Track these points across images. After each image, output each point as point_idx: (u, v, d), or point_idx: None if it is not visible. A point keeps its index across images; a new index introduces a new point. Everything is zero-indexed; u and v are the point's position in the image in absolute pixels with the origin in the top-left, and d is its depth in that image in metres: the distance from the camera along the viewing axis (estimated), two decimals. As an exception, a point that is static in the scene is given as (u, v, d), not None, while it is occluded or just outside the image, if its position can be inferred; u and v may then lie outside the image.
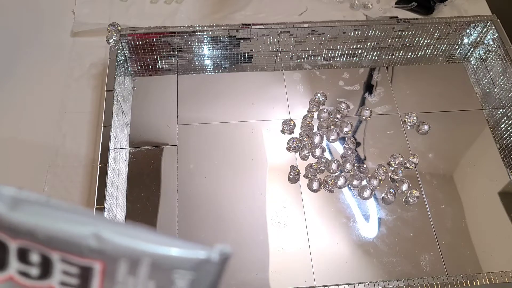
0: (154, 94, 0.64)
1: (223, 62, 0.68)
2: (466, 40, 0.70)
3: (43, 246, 0.17)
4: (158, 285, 0.18)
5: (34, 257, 0.18)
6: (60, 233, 0.17)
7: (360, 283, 0.48)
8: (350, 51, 0.69)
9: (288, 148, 0.60)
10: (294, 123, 0.61)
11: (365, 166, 0.59)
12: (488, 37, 0.68)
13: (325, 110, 0.63)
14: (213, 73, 0.67)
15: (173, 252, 0.17)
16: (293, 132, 0.61)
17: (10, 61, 0.67)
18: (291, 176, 0.58)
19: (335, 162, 0.58)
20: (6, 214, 0.17)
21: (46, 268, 0.18)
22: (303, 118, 0.63)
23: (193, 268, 0.18)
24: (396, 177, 0.58)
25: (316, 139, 0.60)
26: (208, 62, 0.68)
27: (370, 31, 0.67)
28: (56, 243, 0.17)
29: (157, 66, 0.67)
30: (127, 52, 0.65)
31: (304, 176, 0.58)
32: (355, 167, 0.59)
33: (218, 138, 0.61)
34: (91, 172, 0.57)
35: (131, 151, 0.59)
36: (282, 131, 0.61)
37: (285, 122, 0.61)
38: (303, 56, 0.69)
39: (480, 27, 0.68)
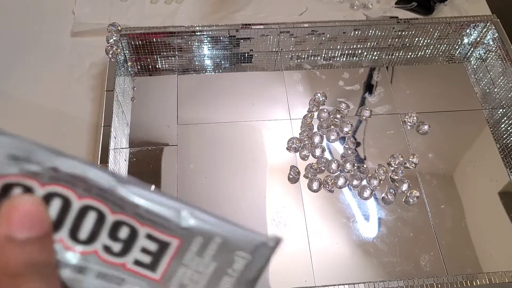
0: (154, 94, 0.64)
1: (223, 62, 0.68)
2: (466, 40, 0.70)
3: (137, 220, 0.19)
4: (218, 267, 0.20)
5: (123, 232, 0.19)
6: (158, 208, 0.19)
7: (360, 283, 0.48)
8: (350, 51, 0.69)
9: (288, 148, 0.60)
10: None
11: (365, 166, 0.59)
12: (488, 37, 0.68)
13: (325, 110, 0.63)
14: (213, 73, 0.67)
15: (240, 232, 0.20)
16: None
17: (10, 61, 0.67)
18: (291, 176, 0.58)
19: (335, 162, 0.58)
20: (116, 187, 0.19)
21: (128, 245, 0.19)
22: (303, 118, 0.63)
23: (252, 251, 0.20)
24: (396, 177, 0.58)
25: (316, 139, 0.60)
26: (208, 62, 0.68)
27: (370, 31, 0.67)
28: (150, 218, 0.19)
29: (157, 66, 0.67)
30: (127, 52, 0.64)
31: (304, 176, 0.58)
32: (355, 167, 0.59)
33: (218, 138, 0.61)
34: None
35: (131, 151, 0.59)
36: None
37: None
38: (303, 56, 0.69)
39: (480, 27, 0.68)
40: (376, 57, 0.70)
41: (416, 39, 0.69)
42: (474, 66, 0.70)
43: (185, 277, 0.20)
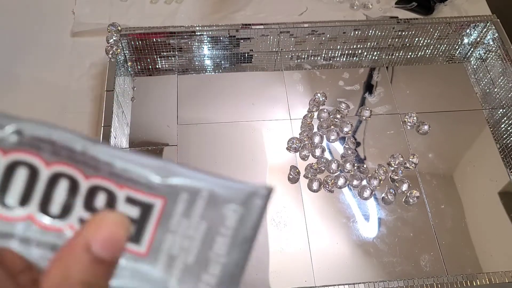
0: (154, 94, 0.64)
1: (223, 62, 0.68)
2: (466, 40, 0.70)
3: (114, 181, 0.17)
4: (209, 226, 0.17)
5: (100, 200, 0.17)
6: (134, 164, 0.17)
7: (360, 283, 0.48)
8: (350, 51, 0.69)
9: (288, 148, 0.60)
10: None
11: (365, 166, 0.59)
12: (488, 37, 0.68)
13: (325, 110, 0.63)
14: (213, 73, 0.67)
15: (228, 184, 0.18)
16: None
17: (10, 61, 0.67)
18: (291, 176, 0.58)
19: (335, 162, 0.58)
20: (87, 147, 0.17)
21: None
22: (303, 118, 0.63)
23: (243, 202, 0.18)
24: (396, 177, 0.58)
25: (316, 139, 0.60)
26: (208, 62, 0.68)
27: (370, 31, 0.67)
28: (129, 177, 0.17)
29: (157, 66, 0.67)
30: (127, 52, 0.64)
31: (304, 176, 0.58)
32: (355, 167, 0.59)
33: (218, 138, 0.61)
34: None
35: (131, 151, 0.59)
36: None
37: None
38: (303, 56, 0.69)
39: (480, 27, 0.68)
40: (376, 57, 0.70)
41: (416, 39, 0.69)
42: (474, 66, 0.70)
43: (175, 246, 0.17)
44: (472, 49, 0.70)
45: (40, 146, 0.17)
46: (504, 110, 0.64)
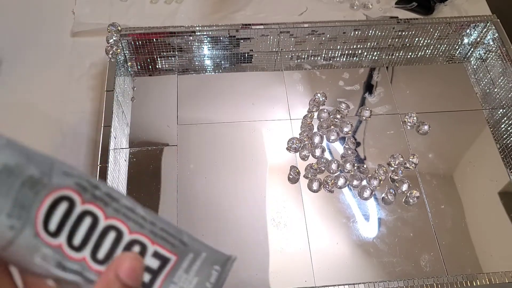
0: (154, 94, 0.64)
1: (223, 62, 0.68)
2: (466, 40, 0.70)
3: (150, 238, 0.22)
4: (199, 281, 0.23)
5: (135, 250, 0.22)
6: (167, 224, 0.23)
7: (360, 283, 0.48)
8: (350, 51, 0.69)
9: (288, 148, 0.60)
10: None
11: (365, 166, 0.59)
12: (488, 37, 0.68)
13: (325, 110, 0.63)
14: (213, 73, 0.67)
15: (212, 250, 0.24)
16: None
17: (10, 61, 0.67)
18: (291, 176, 0.58)
19: (335, 162, 0.58)
20: (136, 205, 0.23)
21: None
22: (303, 118, 0.63)
23: (222, 264, 0.24)
24: (396, 177, 0.58)
25: (316, 139, 0.60)
26: (208, 62, 0.68)
27: (370, 31, 0.67)
28: (162, 235, 0.23)
29: (157, 66, 0.67)
30: (127, 52, 0.64)
31: (304, 176, 0.58)
32: (355, 167, 0.59)
33: (218, 138, 0.61)
34: (91, 172, 0.57)
35: (131, 151, 0.59)
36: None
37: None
38: (303, 56, 0.69)
39: (480, 27, 0.68)
40: (376, 57, 0.70)
41: (416, 39, 0.69)
42: (474, 66, 0.70)
43: None
44: (472, 49, 0.70)
45: (107, 202, 0.22)
46: (504, 110, 0.64)
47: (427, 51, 0.70)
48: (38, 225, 0.20)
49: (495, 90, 0.66)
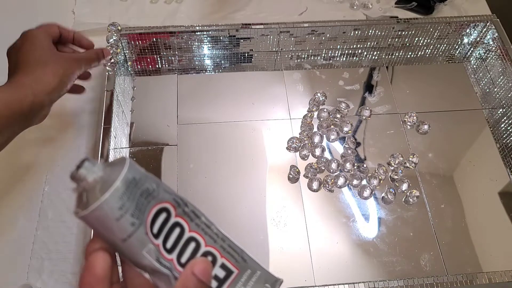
0: (154, 94, 0.64)
1: (223, 62, 0.68)
2: (466, 40, 0.70)
3: (220, 252, 0.28)
4: None
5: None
6: (235, 246, 0.29)
7: (360, 283, 0.48)
8: (350, 51, 0.69)
9: (288, 148, 0.60)
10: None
11: (365, 165, 0.59)
12: (488, 37, 0.68)
13: (325, 110, 0.63)
14: (213, 73, 0.67)
15: (265, 270, 0.29)
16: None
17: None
18: (291, 176, 0.58)
19: (335, 161, 0.58)
20: (212, 223, 0.29)
21: None
22: (303, 117, 0.63)
23: (272, 284, 0.29)
24: (396, 177, 0.58)
25: (316, 139, 0.60)
26: (208, 62, 0.68)
27: (370, 31, 0.67)
28: (229, 251, 0.28)
29: (157, 66, 0.67)
30: (127, 52, 0.65)
31: (304, 175, 0.58)
32: (355, 167, 0.59)
33: (218, 138, 0.61)
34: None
35: (131, 151, 0.59)
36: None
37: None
38: (303, 56, 0.69)
39: (480, 27, 0.68)
40: (376, 57, 0.70)
41: (416, 39, 0.69)
42: (474, 66, 0.70)
43: None
44: (472, 49, 0.70)
45: (192, 218, 0.28)
46: (504, 110, 0.64)
47: (427, 51, 0.70)
48: (147, 226, 0.25)
49: (495, 89, 0.66)
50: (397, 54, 0.70)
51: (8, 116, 0.41)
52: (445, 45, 0.70)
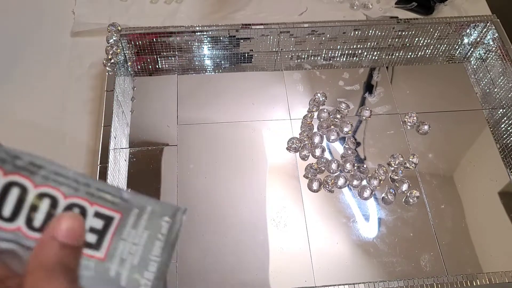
0: (154, 94, 0.64)
1: (223, 62, 0.68)
2: (466, 40, 0.70)
3: (88, 199, 0.22)
4: (150, 234, 0.23)
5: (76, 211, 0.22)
6: (105, 185, 0.23)
7: (360, 283, 0.48)
8: (350, 51, 0.69)
9: (288, 148, 0.60)
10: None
11: (365, 166, 0.59)
12: (488, 37, 0.68)
13: (325, 110, 0.63)
14: (213, 73, 0.67)
15: (159, 203, 0.24)
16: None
17: (10, 61, 0.67)
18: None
19: (335, 162, 0.58)
20: (68, 170, 0.22)
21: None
22: (303, 118, 0.63)
23: (172, 215, 0.24)
24: (396, 177, 0.58)
25: (316, 139, 0.60)
26: (208, 62, 0.68)
27: (370, 31, 0.67)
28: (100, 195, 0.22)
29: (157, 66, 0.67)
30: (127, 52, 0.64)
31: (304, 176, 0.58)
32: (355, 167, 0.59)
33: (218, 138, 0.61)
34: (91, 172, 0.57)
35: (131, 151, 0.59)
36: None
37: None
38: (303, 56, 0.69)
39: (480, 27, 0.68)
40: (376, 57, 0.70)
41: (416, 39, 0.69)
42: (474, 66, 0.70)
43: (125, 251, 0.22)
44: (472, 49, 0.70)
45: (33, 171, 0.22)
46: (504, 110, 0.64)
47: (427, 51, 0.70)
48: None
49: (495, 90, 0.66)
50: (397, 54, 0.70)
51: None
52: (445, 45, 0.70)
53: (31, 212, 0.21)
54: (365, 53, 0.69)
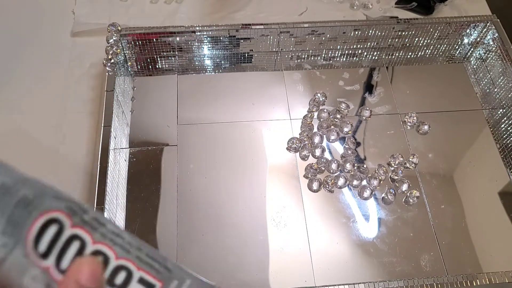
0: (154, 94, 0.64)
1: (223, 62, 0.68)
2: (466, 40, 0.70)
3: (136, 264, 0.22)
4: None
5: (120, 277, 0.22)
6: (153, 250, 0.23)
7: (360, 283, 0.48)
8: (350, 51, 0.69)
9: (288, 148, 0.60)
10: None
11: (365, 166, 0.59)
12: (488, 37, 0.68)
13: (325, 110, 0.63)
14: (213, 73, 0.67)
15: (200, 278, 0.24)
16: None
17: (10, 61, 0.67)
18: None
19: (335, 162, 0.58)
20: (124, 232, 0.23)
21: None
22: (303, 118, 0.63)
23: None
24: (396, 177, 0.58)
25: (316, 139, 0.60)
26: (208, 62, 0.68)
27: (370, 31, 0.67)
28: (148, 261, 0.23)
29: (157, 66, 0.67)
30: (127, 52, 0.64)
31: (304, 176, 0.58)
32: (355, 167, 0.59)
33: (218, 138, 0.61)
34: (91, 172, 0.57)
35: (131, 151, 0.59)
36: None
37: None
38: (303, 56, 0.69)
39: (480, 27, 0.68)
40: (376, 57, 0.70)
41: (416, 39, 0.69)
42: (474, 66, 0.70)
43: None
44: (472, 49, 0.70)
45: (95, 226, 0.22)
46: (504, 110, 0.64)
47: (427, 51, 0.70)
48: (28, 245, 0.20)
49: (495, 90, 0.66)
50: (397, 54, 0.70)
51: None
52: (445, 45, 0.70)
53: None
54: (365, 53, 0.69)
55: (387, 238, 0.54)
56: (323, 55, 0.69)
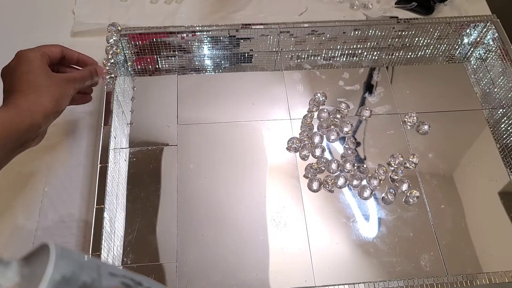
0: (154, 94, 0.64)
1: (223, 62, 0.68)
2: (466, 40, 0.70)
3: None
4: None
5: None
6: None
7: (360, 283, 0.48)
8: (350, 51, 0.69)
9: (288, 148, 0.60)
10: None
11: (365, 166, 0.59)
12: (488, 37, 0.68)
13: (325, 110, 0.63)
14: (213, 73, 0.67)
15: None
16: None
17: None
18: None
19: (335, 162, 0.58)
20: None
21: None
22: (303, 118, 0.63)
23: None
24: (396, 177, 0.58)
25: (316, 139, 0.60)
26: (208, 62, 0.68)
27: (370, 31, 0.67)
28: None
29: (157, 66, 0.67)
30: (127, 52, 0.65)
31: (304, 176, 0.58)
32: (355, 167, 0.59)
33: (218, 138, 0.61)
34: (91, 172, 0.57)
35: (131, 151, 0.59)
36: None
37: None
38: (303, 56, 0.69)
39: (480, 27, 0.68)
40: (376, 57, 0.70)
41: (416, 39, 0.69)
42: (474, 66, 0.70)
43: None
44: (472, 49, 0.70)
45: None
46: (504, 110, 0.64)
47: (427, 51, 0.70)
48: None
49: (495, 90, 0.66)
50: (397, 54, 0.70)
51: (5, 138, 0.41)
52: (445, 45, 0.70)
53: None
54: (365, 53, 0.69)
55: (387, 238, 0.54)
56: (323, 55, 0.69)
